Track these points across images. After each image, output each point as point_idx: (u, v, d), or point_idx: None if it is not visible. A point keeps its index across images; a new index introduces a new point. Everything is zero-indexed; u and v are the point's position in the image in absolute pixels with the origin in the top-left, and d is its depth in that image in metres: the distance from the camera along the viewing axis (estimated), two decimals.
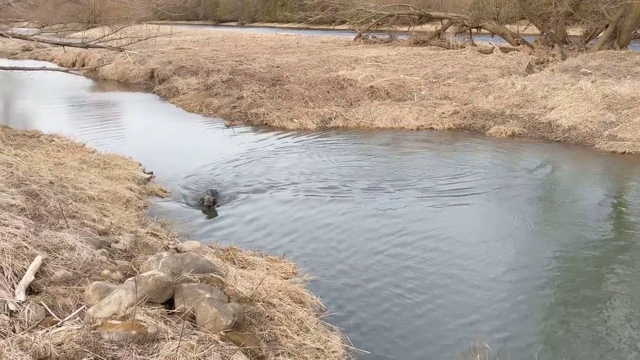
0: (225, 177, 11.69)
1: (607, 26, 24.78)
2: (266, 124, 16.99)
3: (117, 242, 6.83)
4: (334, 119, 17.11)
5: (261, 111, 17.61)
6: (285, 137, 15.49)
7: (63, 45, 18.31)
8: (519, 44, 27.04)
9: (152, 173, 11.70)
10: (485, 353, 5.05)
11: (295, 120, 16.91)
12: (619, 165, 12.83)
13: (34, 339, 4.13)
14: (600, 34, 25.70)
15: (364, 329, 6.12)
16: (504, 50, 25.74)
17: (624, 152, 13.39)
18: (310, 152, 13.87)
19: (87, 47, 18.13)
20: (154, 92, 23.59)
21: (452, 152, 14.00)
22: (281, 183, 11.19)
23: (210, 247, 7.72)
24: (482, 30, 30.46)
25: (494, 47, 26.03)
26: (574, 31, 28.83)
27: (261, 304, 5.76)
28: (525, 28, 30.55)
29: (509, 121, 16.12)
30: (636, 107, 15.36)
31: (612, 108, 15.60)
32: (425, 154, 13.75)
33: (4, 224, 5.92)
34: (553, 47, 25.85)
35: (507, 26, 29.90)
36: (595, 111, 15.56)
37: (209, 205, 9.76)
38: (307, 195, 10.49)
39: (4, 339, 4.16)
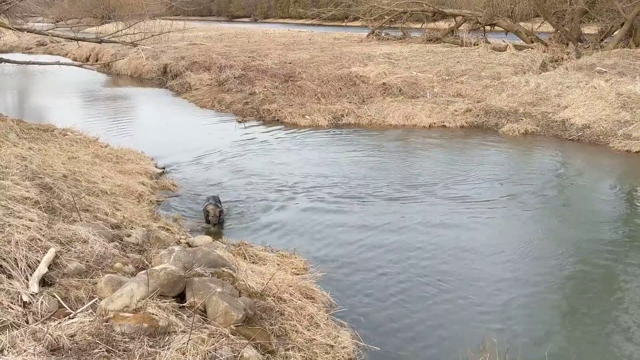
0: (234, 174, 11.72)
1: (622, 24, 24.56)
2: (278, 120, 17.00)
3: (129, 235, 6.87)
4: (346, 115, 17.09)
5: (273, 107, 17.62)
6: (296, 133, 15.50)
7: (77, 40, 18.34)
8: (533, 42, 26.86)
9: (164, 168, 11.76)
10: (495, 351, 5.02)
11: (307, 116, 16.91)
12: (633, 165, 12.72)
13: (47, 330, 4.17)
14: (616, 32, 25.48)
15: (374, 326, 6.11)
16: (518, 48, 25.58)
17: (639, 151, 13.26)
18: (322, 149, 13.87)
19: (100, 42, 18.15)
20: (166, 88, 23.69)
21: (464, 151, 13.96)
22: (292, 181, 11.19)
23: (222, 242, 7.76)
24: (496, 27, 30.31)
25: (507, 45, 25.87)
26: (589, 29, 28.59)
27: (272, 299, 5.77)
28: (540, 26, 30.36)
29: (522, 119, 16.02)
30: None
31: (626, 107, 15.46)
32: (437, 154, 13.71)
33: (18, 217, 5.98)
34: (567, 45, 25.66)
35: (522, 24, 29.72)
36: (610, 110, 15.43)
37: (215, 222, 8.67)
38: (317, 194, 10.47)
39: (18, 329, 4.21)
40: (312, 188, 10.71)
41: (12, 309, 4.49)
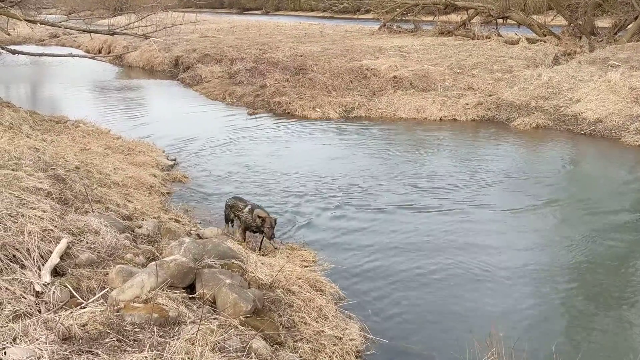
0: (244, 167, 11.75)
1: (636, 17, 24.30)
2: (289, 112, 17.02)
3: (140, 227, 6.94)
4: (357, 108, 17.08)
5: (284, 100, 17.64)
6: (307, 126, 15.52)
7: (90, 32, 18.47)
8: (545, 35, 26.63)
9: (175, 160, 11.82)
10: (502, 343, 5.03)
11: (317, 109, 16.91)
12: None
13: (59, 320, 4.23)
14: (630, 26, 25.20)
15: (382, 319, 6.14)
16: (530, 41, 25.38)
17: None
18: (332, 143, 13.89)
19: (113, 34, 18.24)
20: (178, 80, 23.77)
21: (475, 146, 13.91)
22: (302, 176, 11.18)
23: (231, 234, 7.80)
24: (508, 20, 30.06)
25: (520, 38, 25.69)
26: (603, 22, 28.31)
27: (281, 291, 5.81)
28: (553, 19, 30.09)
29: (534, 113, 15.92)
30: None
31: (639, 101, 15.32)
32: (447, 148, 13.69)
33: (31, 207, 6.05)
34: (580, 38, 25.41)
35: (534, 17, 29.48)
36: (622, 104, 15.30)
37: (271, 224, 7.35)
38: (327, 189, 10.49)
39: (30, 318, 4.27)
40: (323, 183, 10.72)
41: (25, 298, 4.56)
